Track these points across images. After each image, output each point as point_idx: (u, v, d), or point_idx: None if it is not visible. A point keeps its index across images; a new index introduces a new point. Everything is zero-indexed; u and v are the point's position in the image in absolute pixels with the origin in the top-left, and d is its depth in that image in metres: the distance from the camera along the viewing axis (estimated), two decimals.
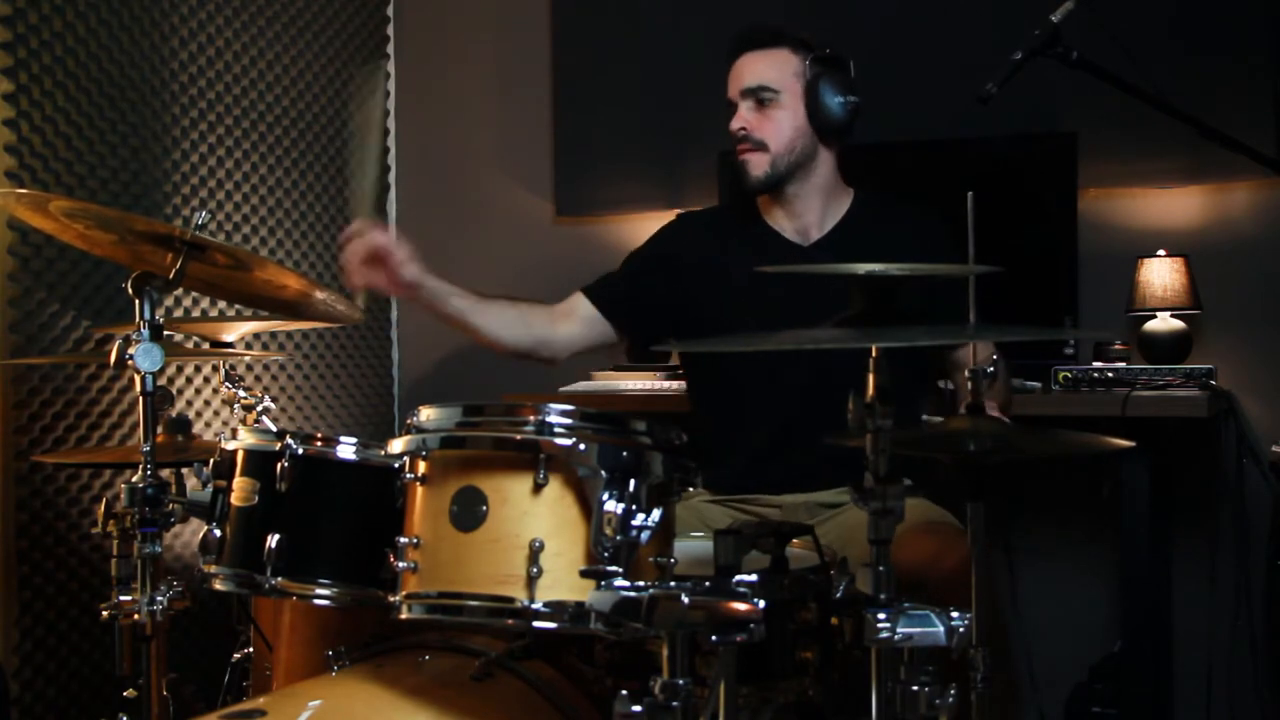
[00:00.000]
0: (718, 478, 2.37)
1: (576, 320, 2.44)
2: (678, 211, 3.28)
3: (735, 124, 2.33)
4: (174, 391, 2.95)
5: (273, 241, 3.31)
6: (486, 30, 3.72)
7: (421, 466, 1.55)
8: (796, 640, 1.49)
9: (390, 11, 3.78)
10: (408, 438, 1.56)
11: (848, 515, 2.23)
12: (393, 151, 3.78)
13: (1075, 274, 2.91)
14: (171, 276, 1.83)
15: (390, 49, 3.78)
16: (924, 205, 2.40)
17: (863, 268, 1.40)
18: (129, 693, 1.90)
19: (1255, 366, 2.92)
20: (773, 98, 2.31)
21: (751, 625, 1.31)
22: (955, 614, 1.32)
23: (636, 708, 1.32)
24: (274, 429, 1.84)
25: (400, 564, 1.52)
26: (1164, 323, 2.81)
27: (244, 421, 2.31)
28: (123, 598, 1.82)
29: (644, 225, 3.41)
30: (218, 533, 1.76)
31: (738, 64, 2.36)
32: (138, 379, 1.79)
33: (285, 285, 2.04)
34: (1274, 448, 2.61)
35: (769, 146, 2.31)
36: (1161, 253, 2.83)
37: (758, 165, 2.32)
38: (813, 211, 2.38)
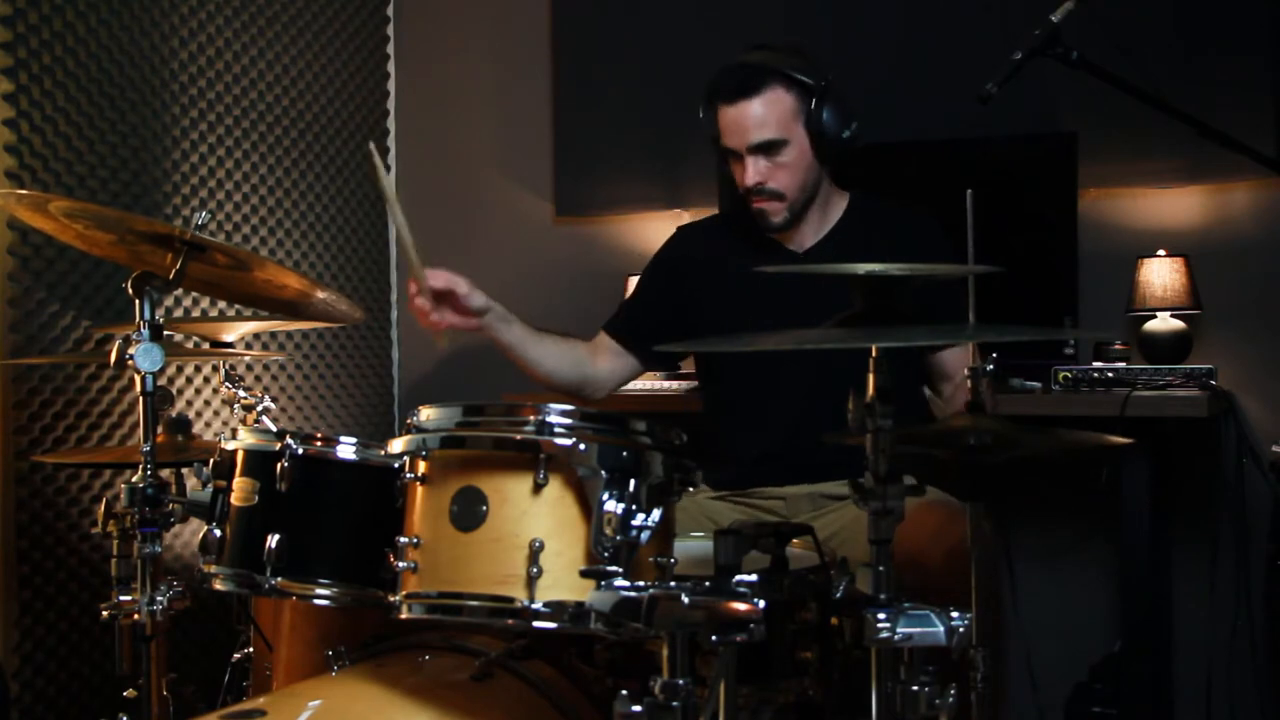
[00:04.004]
0: (724, 476, 2.38)
1: (609, 354, 2.49)
2: (678, 212, 3.29)
3: (750, 180, 2.28)
4: (174, 391, 2.95)
5: (273, 241, 3.31)
6: (486, 30, 3.72)
7: (421, 466, 1.55)
8: (796, 640, 1.49)
9: (390, 11, 3.78)
10: (408, 438, 1.57)
11: (849, 511, 2.24)
12: (393, 151, 3.78)
13: (1075, 274, 2.91)
14: (171, 276, 1.83)
15: (390, 49, 3.78)
16: (917, 207, 2.40)
17: (863, 268, 1.40)
18: (129, 693, 1.90)
19: (1255, 366, 2.92)
20: (780, 147, 2.26)
21: (751, 625, 1.31)
22: (955, 614, 1.32)
23: (636, 708, 1.32)
24: (274, 429, 1.84)
25: (400, 564, 1.52)
26: (1164, 323, 2.81)
27: (244, 421, 2.30)
28: (123, 598, 1.82)
29: (644, 225, 3.43)
30: (218, 533, 1.76)
31: (730, 114, 2.28)
32: (138, 379, 1.79)
33: (285, 285, 2.04)
34: (1274, 448, 2.61)
35: (785, 195, 2.30)
36: (1161, 253, 2.83)
37: (776, 213, 2.31)
38: (809, 223, 2.39)
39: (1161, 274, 2.81)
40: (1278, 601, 2.62)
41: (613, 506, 1.45)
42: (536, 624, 1.45)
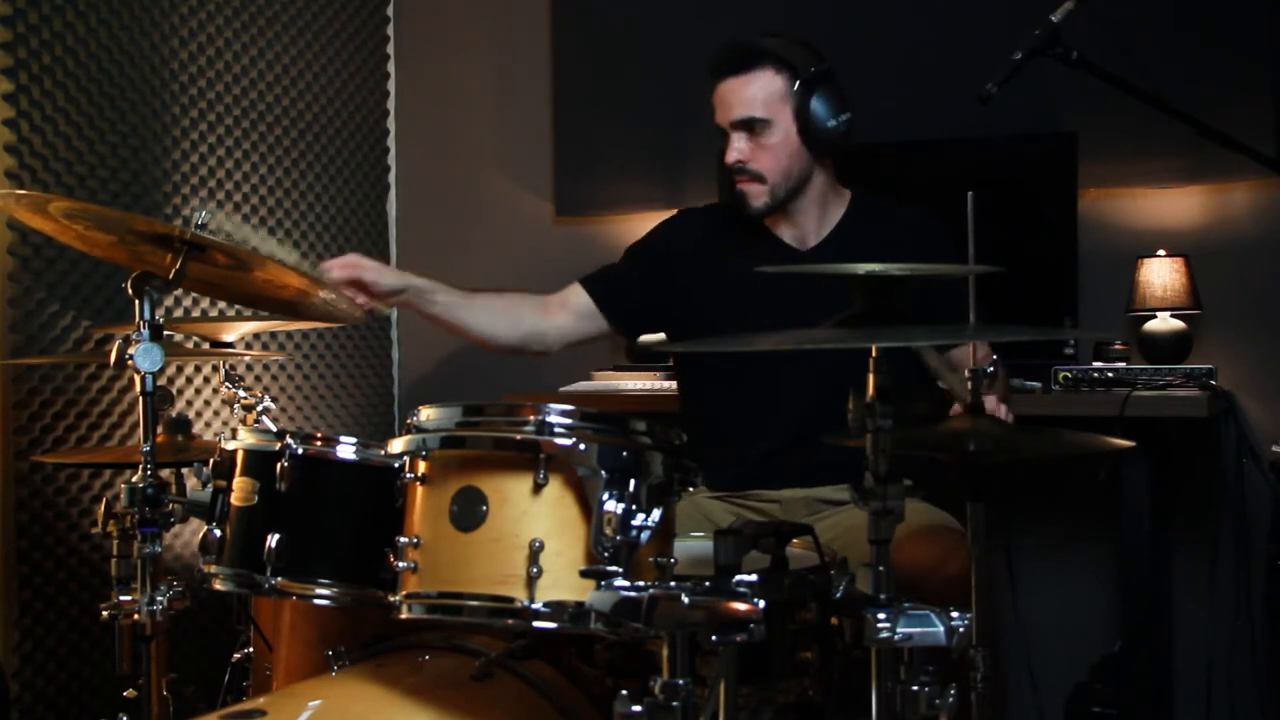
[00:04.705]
0: (721, 477, 2.37)
1: (571, 311, 2.44)
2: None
3: (731, 157, 2.28)
4: (174, 391, 2.95)
5: (272, 241, 3.30)
6: (486, 30, 3.72)
7: (421, 466, 1.55)
8: (796, 640, 1.49)
9: (390, 11, 3.78)
10: (408, 438, 1.56)
11: (848, 514, 2.24)
12: (393, 151, 3.78)
13: (1075, 274, 2.91)
14: (171, 276, 1.83)
15: (390, 49, 3.78)
16: (919, 206, 2.40)
17: (862, 268, 1.40)
18: (129, 693, 1.90)
19: (1255, 366, 2.92)
20: (764, 127, 2.26)
21: (751, 625, 1.31)
22: (955, 614, 1.32)
23: (636, 708, 1.32)
24: (274, 429, 1.84)
25: (400, 564, 1.52)
26: (1164, 323, 2.81)
27: (244, 421, 2.30)
28: (123, 598, 1.82)
29: (644, 225, 3.39)
30: (218, 533, 1.76)
31: (722, 90, 2.29)
32: (138, 379, 1.79)
33: (285, 285, 2.04)
34: (1274, 448, 2.61)
35: (766, 178, 2.29)
36: (1161, 253, 2.83)
37: (756, 196, 2.30)
38: (810, 220, 2.38)
39: (1161, 274, 2.81)
40: (1278, 601, 2.62)
41: (613, 506, 1.45)
42: (536, 624, 1.45)
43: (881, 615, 1.31)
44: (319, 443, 1.74)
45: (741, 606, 1.31)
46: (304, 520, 1.72)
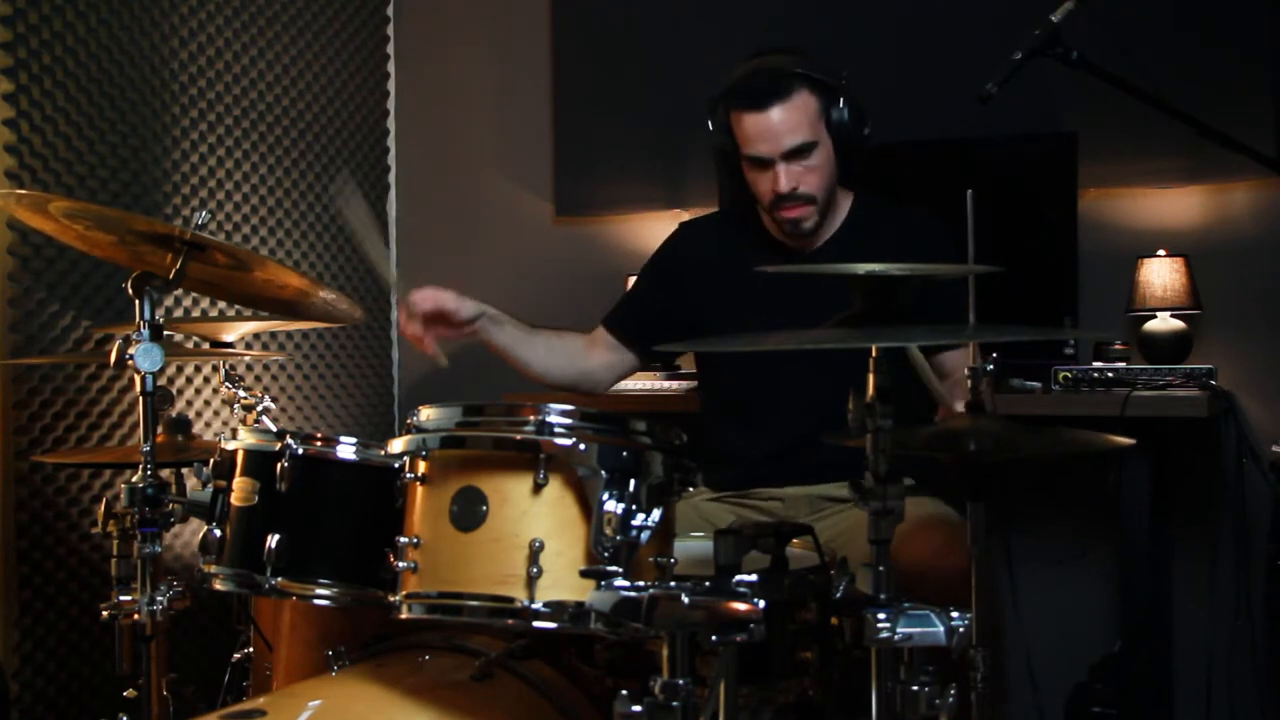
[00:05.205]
0: (723, 477, 2.37)
1: (605, 348, 2.49)
2: (678, 212, 3.29)
3: (785, 185, 2.24)
4: (174, 391, 2.95)
5: (273, 241, 3.31)
6: (486, 30, 3.72)
7: (421, 466, 1.55)
8: (796, 640, 1.49)
9: (390, 11, 3.78)
10: (408, 438, 1.57)
11: (849, 513, 2.24)
12: (393, 151, 3.78)
13: (1075, 274, 2.90)
14: (171, 276, 1.83)
15: (390, 49, 3.78)
16: (920, 207, 2.40)
17: (863, 268, 1.40)
18: (129, 693, 1.90)
19: (1255, 366, 2.91)
20: (811, 150, 2.25)
21: (751, 625, 1.31)
22: (955, 614, 1.32)
23: (636, 708, 1.32)
24: (274, 429, 1.84)
25: (400, 564, 1.53)
26: (1164, 323, 2.81)
27: (244, 421, 2.30)
28: (123, 598, 1.82)
29: (644, 225, 3.42)
30: (218, 533, 1.76)
31: (762, 120, 2.23)
32: (138, 379, 1.79)
33: (285, 285, 2.04)
34: (1274, 448, 2.61)
35: (816, 199, 2.28)
36: (1161, 253, 2.83)
37: (808, 218, 2.29)
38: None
39: (1161, 274, 2.81)
40: (1278, 601, 2.62)
41: (613, 506, 1.45)
42: (536, 624, 1.45)
43: (881, 615, 1.31)
44: (319, 443, 1.74)
45: (741, 606, 1.31)
46: (304, 520, 1.72)
